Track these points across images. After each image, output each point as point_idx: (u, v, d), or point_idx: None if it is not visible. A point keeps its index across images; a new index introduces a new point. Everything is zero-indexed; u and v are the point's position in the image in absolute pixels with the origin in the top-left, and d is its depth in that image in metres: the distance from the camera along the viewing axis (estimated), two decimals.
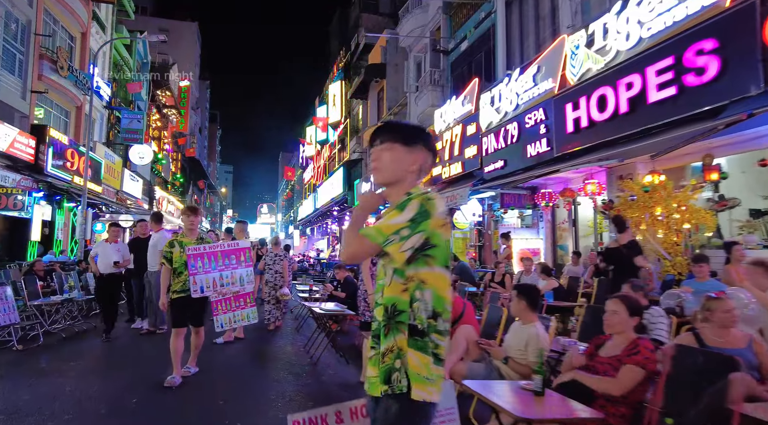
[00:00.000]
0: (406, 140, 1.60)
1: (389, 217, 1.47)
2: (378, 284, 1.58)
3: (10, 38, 13.34)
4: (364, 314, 4.72)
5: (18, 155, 12.68)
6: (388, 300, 1.49)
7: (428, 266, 1.48)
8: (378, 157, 1.58)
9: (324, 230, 34.60)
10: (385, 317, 1.48)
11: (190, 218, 4.71)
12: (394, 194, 1.60)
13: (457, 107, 11.41)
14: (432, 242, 1.47)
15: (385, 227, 1.44)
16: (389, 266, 1.50)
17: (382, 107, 20.33)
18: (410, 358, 1.43)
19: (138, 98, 24.80)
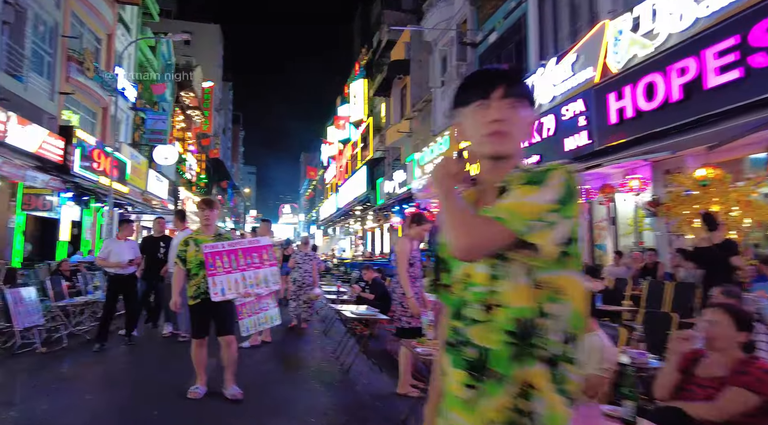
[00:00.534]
0: (531, 99, 1.20)
1: (522, 193, 1.03)
2: (473, 292, 1.09)
3: (39, 40, 13.46)
4: (400, 318, 4.34)
5: (47, 155, 12.77)
6: (517, 312, 1.03)
7: (565, 268, 1.04)
8: (508, 116, 1.11)
9: (346, 229, 34.46)
10: (507, 340, 1.02)
11: (205, 213, 4.21)
12: (496, 169, 1.18)
13: None
14: (572, 235, 1.04)
15: (522, 207, 1.00)
16: (514, 265, 1.04)
17: (405, 103, 19.96)
18: (548, 401, 1.00)
19: (162, 100, 25.03)
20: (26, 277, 9.27)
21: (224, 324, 4.10)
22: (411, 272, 4.26)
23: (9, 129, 11.22)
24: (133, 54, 21.31)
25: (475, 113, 1.16)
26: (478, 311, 1.07)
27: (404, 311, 4.26)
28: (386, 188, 19.06)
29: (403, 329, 4.25)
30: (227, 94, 63.82)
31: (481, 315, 1.07)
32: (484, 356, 1.04)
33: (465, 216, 1.05)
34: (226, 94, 62.91)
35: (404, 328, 4.24)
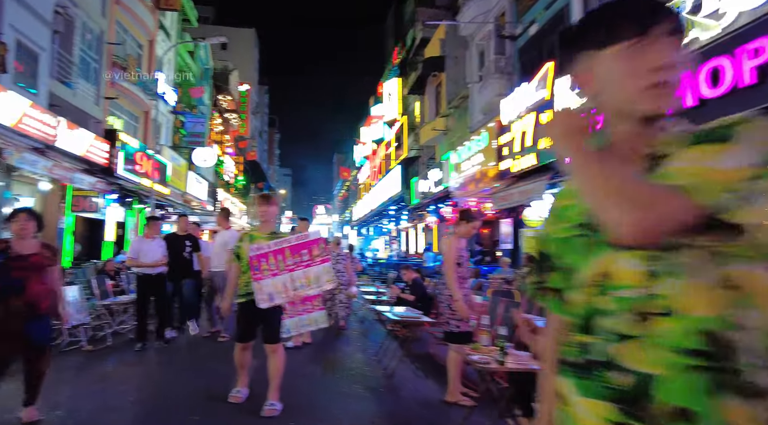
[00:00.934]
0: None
1: (705, 155, 0.74)
2: (618, 298, 0.80)
3: (86, 48, 13.94)
4: (448, 322, 4.08)
5: (93, 158, 13.19)
6: (697, 324, 0.73)
7: (749, 261, 0.74)
8: (676, 61, 0.82)
9: (380, 229, 34.35)
10: (683, 362, 0.73)
11: (261, 208, 3.93)
12: (645, 133, 0.85)
13: (528, 95, 10.52)
14: None
15: (711, 173, 0.72)
16: (692, 256, 0.75)
17: (440, 101, 19.60)
18: None
19: (201, 103, 25.62)
20: (74, 276, 9.53)
21: (272, 330, 3.81)
22: (459, 272, 4.01)
23: (59, 133, 11.65)
24: (173, 59, 21.89)
25: (624, 56, 0.84)
26: (629, 322, 0.79)
27: (452, 314, 4.00)
28: (421, 188, 18.77)
29: (452, 333, 4.00)
30: (263, 97, 65.05)
31: (633, 328, 0.78)
32: (644, 384, 0.76)
33: (631, 183, 0.75)
34: (262, 98, 64.13)
35: (453, 332, 3.99)
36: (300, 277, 3.70)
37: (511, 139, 11.21)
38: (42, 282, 3.29)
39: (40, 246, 3.39)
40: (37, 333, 3.29)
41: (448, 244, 4.05)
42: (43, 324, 3.37)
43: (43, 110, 11.03)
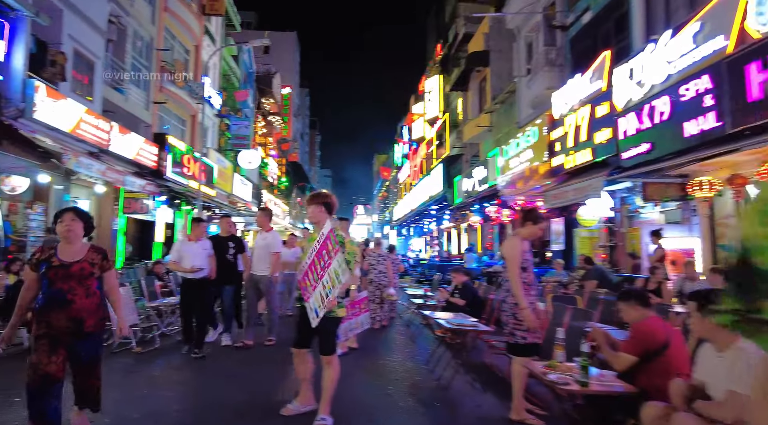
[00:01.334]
0: None
1: None
2: None
3: (137, 55, 14.38)
4: (513, 333, 3.69)
5: (143, 161, 13.58)
6: None
7: None
8: None
9: (421, 229, 33.94)
10: None
11: (310, 208, 3.73)
12: None
13: (582, 86, 9.89)
14: None
15: None
16: None
17: (484, 97, 19.02)
18: None
19: (245, 106, 26.13)
20: (125, 277, 9.76)
21: (327, 341, 3.61)
22: (524, 277, 3.63)
23: (112, 138, 12.04)
24: (218, 64, 22.38)
25: None
26: None
27: (517, 324, 3.62)
28: (464, 186, 18.26)
29: (517, 345, 3.62)
30: (304, 99, 66.08)
31: None
32: None
33: None
34: (303, 100, 65.16)
35: (518, 344, 3.62)
36: (327, 281, 3.46)
37: (564, 134, 10.60)
38: (89, 294, 2.95)
39: (88, 251, 3.04)
40: (86, 352, 2.98)
41: (511, 246, 3.67)
42: (91, 342, 3.02)
43: (98, 116, 11.42)
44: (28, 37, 9.32)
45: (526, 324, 3.52)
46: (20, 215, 10.84)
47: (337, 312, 3.57)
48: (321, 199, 3.69)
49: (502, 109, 16.51)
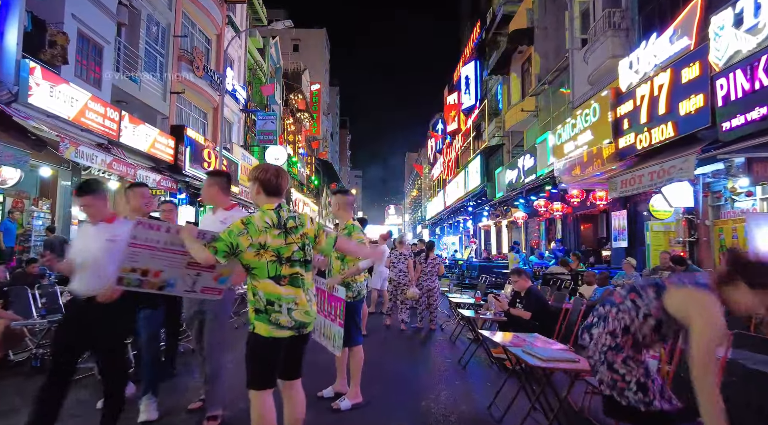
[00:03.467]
0: None
1: None
2: None
3: (152, 41, 13.49)
4: (620, 391, 2.10)
5: (158, 155, 12.66)
6: None
7: None
8: None
9: (456, 228, 32.22)
10: None
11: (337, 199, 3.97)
12: None
13: (660, 48, 8.14)
14: None
15: None
16: None
17: (528, 80, 17.27)
18: None
19: (272, 102, 25.23)
20: None
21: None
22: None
23: (122, 129, 11.11)
24: (243, 57, 21.52)
25: None
26: None
27: (652, 382, 2.08)
28: (507, 178, 16.56)
29: (636, 410, 2.07)
30: (334, 98, 65.39)
31: None
32: None
33: None
34: (333, 99, 64.47)
35: (638, 410, 2.07)
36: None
37: (635, 108, 8.86)
38: None
39: None
40: None
41: (708, 310, 1.91)
42: None
43: (106, 104, 10.49)
44: (23, 13, 8.40)
45: None
46: (26, 213, 10.04)
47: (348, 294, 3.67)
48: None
49: (550, 90, 14.76)
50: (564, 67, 13.50)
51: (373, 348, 5.84)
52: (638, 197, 11.45)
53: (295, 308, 2.35)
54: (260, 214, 2.40)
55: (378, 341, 6.28)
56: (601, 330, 2.16)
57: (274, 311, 2.31)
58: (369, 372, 4.20)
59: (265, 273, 2.33)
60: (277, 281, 2.34)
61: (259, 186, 2.51)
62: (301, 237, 2.47)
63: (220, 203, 3.40)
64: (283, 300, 2.33)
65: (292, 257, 2.40)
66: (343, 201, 4.04)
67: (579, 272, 9.78)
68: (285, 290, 2.34)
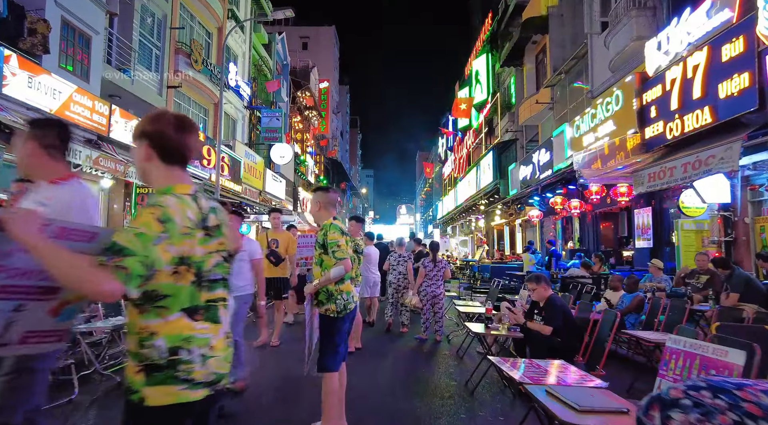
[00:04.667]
0: None
1: None
2: None
3: (147, 33, 12.93)
4: None
5: None
6: None
7: None
8: None
9: (468, 227, 31.33)
10: None
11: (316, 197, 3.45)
12: None
13: (695, 24, 7.27)
14: None
15: None
16: None
17: (543, 71, 16.39)
18: None
19: (279, 100, 24.65)
20: None
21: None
22: None
23: (113, 123, 10.54)
24: (247, 53, 20.95)
25: None
26: None
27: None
28: (521, 174, 15.70)
29: None
30: (344, 97, 64.77)
31: None
32: None
33: None
34: (343, 98, 63.86)
35: None
36: None
37: (664, 93, 7.99)
38: None
39: None
40: None
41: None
42: None
43: (94, 97, 9.92)
44: None
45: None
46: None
47: (329, 307, 3.18)
48: None
49: (566, 80, 13.87)
50: (582, 54, 12.62)
51: (366, 365, 5.11)
52: (664, 192, 10.54)
53: (210, 354, 1.47)
54: (177, 202, 1.43)
55: (373, 356, 5.55)
56: None
57: (182, 362, 1.40)
58: (356, 397, 3.48)
59: (178, 304, 1.43)
60: (192, 314, 1.44)
61: (148, 147, 1.51)
62: (222, 242, 1.60)
63: (42, 172, 2.07)
64: (194, 343, 1.44)
65: (213, 274, 1.52)
66: (324, 200, 3.38)
67: (601, 276, 8.93)
68: (199, 326, 1.45)
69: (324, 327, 3.18)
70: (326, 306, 3.18)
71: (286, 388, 4.19)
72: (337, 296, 3.19)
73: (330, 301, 3.17)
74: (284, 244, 6.43)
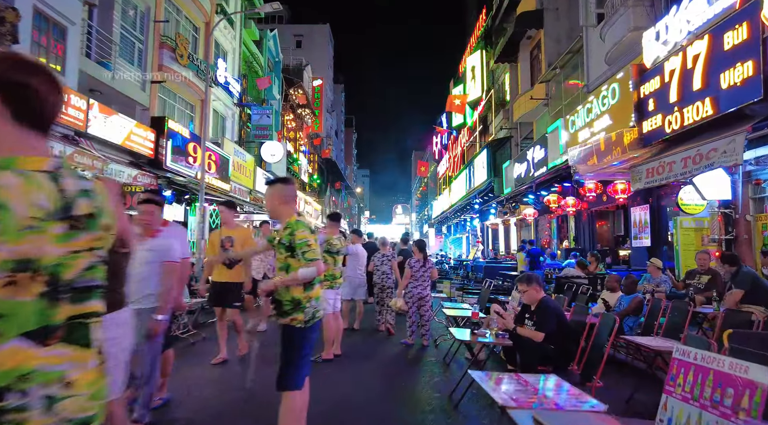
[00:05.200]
0: None
1: None
2: None
3: (129, 26, 12.50)
4: None
5: (136, 148, 11.66)
6: None
7: None
8: None
9: (463, 227, 30.99)
10: None
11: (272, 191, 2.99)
12: None
13: (695, 11, 6.94)
14: None
15: None
16: None
17: (537, 67, 16.07)
18: None
19: (270, 97, 24.21)
20: None
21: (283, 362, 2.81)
22: None
23: (91, 118, 10.12)
24: (237, 49, 20.51)
25: None
26: None
27: None
28: (515, 172, 15.37)
29: None
30: (339, 96, 64.30)
31: None
32: None
33: None
34: (338, 97, 63.39)
35: None
36: None
37: (662, 85, 7.66)
38: None
39: None
40: None
41: None
42: None
43: (70, 91, 9.50)
44: None
45: None
46: None
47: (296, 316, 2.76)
48: None
49: (562, 75, 13.54)
50: (577, 48, 12.30)
51: (343, 373, 4.74)
52: (662, 189, 10.23)
53: (65, 394, 1.04)
54: (20, 181, 1.03)
55: (352, 364, 5.17)
56: None
57: (8, 411, 0.97)
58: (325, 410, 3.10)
59: (16, 328, 0.99)
60: (39, 339, 1.02)
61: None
62: (99, 238, 1.17)
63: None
64: (35, 380, 1.00)
65: (81, 280, 1.11)
66: (283, 193, 2.94)
67: (598, 276, 8.59)
68: (49, 354, 1.03)
69: (288, 339, 2.75)
70: (292, 316, 2.77)
71: (229, 409, 3.77)
72: (305, 304, 2.78)
73: (297, 310, 2.76)
74: (241, 242, 5.36)
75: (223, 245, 5.29)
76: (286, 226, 2.87)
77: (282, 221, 2.93)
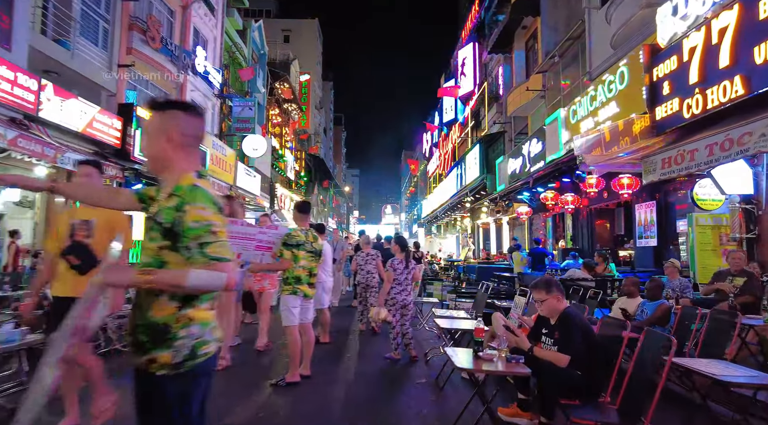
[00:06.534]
0: None
1: None
2: None
3: (92, 3, 11.42)
4: None
5: (100, 137, 10.59)
6: None
7: None
8: None
9: (454, 226, 30.20)
10: None
11: None
12: None
13: None
14: None
15: None
16: None
17: (533, 57, 15.28)
18: None
19: (254, 90, 23.14)
20: None
21: None
22: None
23: (43, 101, 9.06)
24: (219, 38, 19.45)
25: None
26: None
27: None
28: (509, 168, 14.56)
29: None
30: (328, 93, 63.16)
31: None
32: None
33: None
34: (327, 94, 62.26)
35: None
36: None
37: (680, 65, 6.86)
38: None
39: None
40: None
41: None
42: None
43: (16, 68, 8.45)
44: None
45: None
46: None
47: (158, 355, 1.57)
48: None
49: (561, 64, 12.76)
50: (578, 34, 11.52)
51: (308, 402, 3.81)
52: (669, 185, 9.47)
53: None
54: None
55: (323, 387, 4.23)
56: None
57: None
58: None
59: None
60: None
61: None
62: None
63: None
64: None
65: None
66: (176, 125, 1.76)
67: (606, 278, 7.77)
68: None
69: (146, 399, 1.62)
70: (152, 355, 1.58)
71: None
72: (178, 332, 1.59)
73: (162, 345, 1.57)
74: (104, 229, 3.21)
75: (73, 235, 3.16)
76: (174, 192, 1.69)
77: (166, 180, 1.76)
